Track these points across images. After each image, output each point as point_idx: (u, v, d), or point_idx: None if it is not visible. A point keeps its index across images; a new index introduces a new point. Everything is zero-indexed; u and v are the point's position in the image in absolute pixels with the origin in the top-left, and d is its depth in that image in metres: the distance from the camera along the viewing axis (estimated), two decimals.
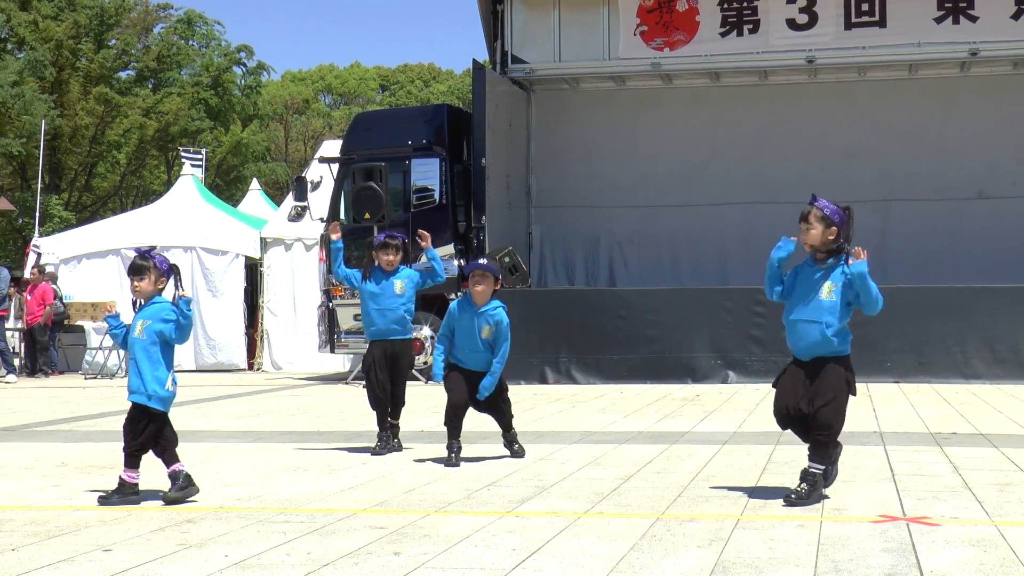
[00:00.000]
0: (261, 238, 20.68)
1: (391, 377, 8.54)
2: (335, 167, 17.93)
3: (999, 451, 8.07)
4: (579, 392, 14.17)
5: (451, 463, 7.64)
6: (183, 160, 27.99)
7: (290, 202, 20.33)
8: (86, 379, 19.10)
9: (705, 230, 19.23)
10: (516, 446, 8.06)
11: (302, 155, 57.65)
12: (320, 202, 18.29)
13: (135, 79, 49.13)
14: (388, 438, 8.48)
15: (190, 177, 23.96)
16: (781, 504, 5.97)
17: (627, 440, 8.98)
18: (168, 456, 6.43)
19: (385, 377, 8.50)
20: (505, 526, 5.52)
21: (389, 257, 8.58)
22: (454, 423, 7.79)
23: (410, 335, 8.75)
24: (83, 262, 21.65)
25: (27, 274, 21.39)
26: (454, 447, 7.76)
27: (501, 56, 18.88)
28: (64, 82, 43.48)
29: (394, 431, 8.60)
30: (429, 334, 15.93)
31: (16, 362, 19.97)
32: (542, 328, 15.63)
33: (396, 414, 8.65)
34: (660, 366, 15.40)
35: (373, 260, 8.69)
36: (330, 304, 17.42)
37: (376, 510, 6.02)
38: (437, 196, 17.31)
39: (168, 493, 6.32)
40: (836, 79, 19.17)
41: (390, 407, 8.58)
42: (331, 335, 17.50)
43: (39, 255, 21.56)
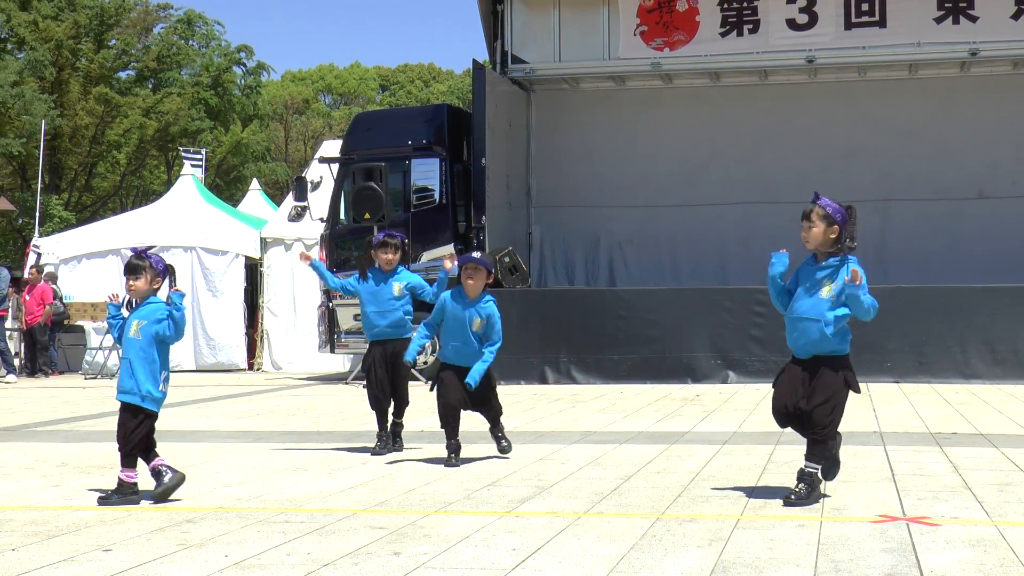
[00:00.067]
0: (261, 238, 20.68)
1: (392, 377, 8.53)
2: (335, 167, 17.92)
3: (999, 451, 8.07)
4: (579, 392, 14.15)
5: (451, 463, 7.63)
6: (183, 160, 28.01)
7: (290, 202, 20.32)
8: (86, 379, 19.09)
9: (705, 230, 19.23)
10: (504, 442, 8.03)
11: (302, 155, 57.67)
12: (320, 202, 18.27)
13: (135, 79, 49.13)
14: (388, 438, 8.48)
15: (190, 177, 23.95)
16: (781, 504, 5.97)
17: (627, 440, 8.98)
18: (149, 455, 6.43)
19: (385, 377, 8.49)
20: (505, 526, 5.52)
21: (388, 256, 8.56)
22: (451, 423, 7.78)
23: (409, 335, 8.74)
24: (83, 262, 21.64)
25: (26, 274, 21.39)
26: (453, 447, 7.76)
27: (501, 56, 18.87)
28: (64, 82, 43.48)
29: (397, 430, 8.59)
30: None
31: (16, 362, 19.97)
32: (542, 328, 15.61)
33: (400, 412, 8.65)
34: (660, 366, 15.39)
35: (372, 259, 8.68)
36: (330, 304, 17.41)
37: (376, 510, 6.02)
38: (437, 196, 17.30)
39: (155, 490, 6.32)
40: (836, 79, 19.16)
41: (393, 406, 8.58)
42: (331, 335, 17.49)
43: (39, 255, 21.55)
